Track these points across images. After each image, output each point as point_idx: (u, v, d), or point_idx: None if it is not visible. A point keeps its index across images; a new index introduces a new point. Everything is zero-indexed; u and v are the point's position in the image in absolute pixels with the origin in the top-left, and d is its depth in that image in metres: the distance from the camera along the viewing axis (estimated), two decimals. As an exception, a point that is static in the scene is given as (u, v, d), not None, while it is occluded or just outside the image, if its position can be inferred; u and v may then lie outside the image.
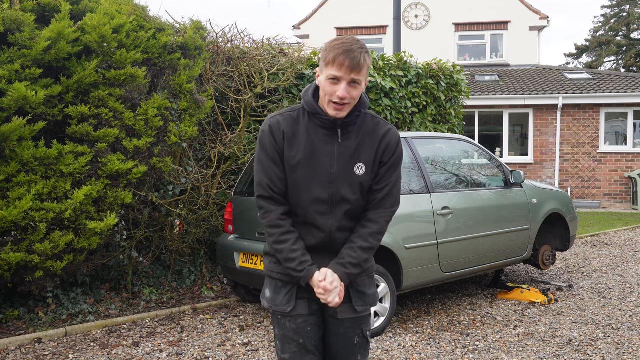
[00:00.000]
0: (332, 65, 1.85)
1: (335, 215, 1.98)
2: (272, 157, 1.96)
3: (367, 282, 2.09)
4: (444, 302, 5.36)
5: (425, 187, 4.71)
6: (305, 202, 1.97)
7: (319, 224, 1.97)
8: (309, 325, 2.03)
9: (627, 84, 14.31)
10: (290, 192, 1.99)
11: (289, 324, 2.02)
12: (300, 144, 1.95)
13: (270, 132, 1.96)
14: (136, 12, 4.79)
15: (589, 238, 9.31)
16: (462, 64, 17.13)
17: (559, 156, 14.35)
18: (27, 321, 4.58)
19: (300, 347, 2.02)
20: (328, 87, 1.88)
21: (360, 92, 1.91)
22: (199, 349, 4.11)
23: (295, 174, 1.95)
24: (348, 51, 1.83)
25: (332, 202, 1.96)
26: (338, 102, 1.88)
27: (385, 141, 2.00)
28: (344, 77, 1.85)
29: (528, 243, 5.54)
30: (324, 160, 1.95)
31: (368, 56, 1.89)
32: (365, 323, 2.09)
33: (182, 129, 4.97)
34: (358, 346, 2.08)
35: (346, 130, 1.97)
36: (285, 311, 2.02)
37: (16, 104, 3.95)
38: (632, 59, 30.43)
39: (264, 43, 6.38)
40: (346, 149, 1.96)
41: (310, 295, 2.02)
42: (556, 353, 3.99)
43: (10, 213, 3.90)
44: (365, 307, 2.07)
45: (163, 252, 5.68)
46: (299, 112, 2.00)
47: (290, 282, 2.02)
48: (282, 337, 2.04)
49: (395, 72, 7.10)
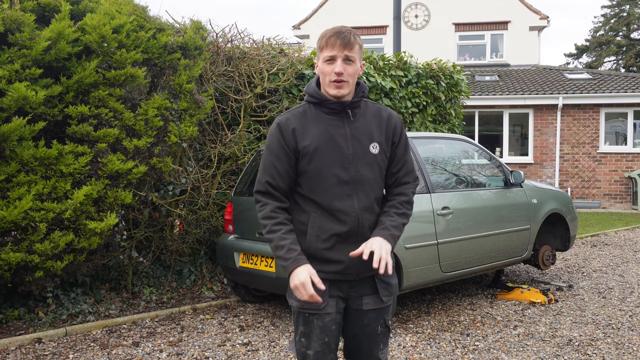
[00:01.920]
0: (325, 47, 2.00)
1: (359, 197, 2.03)
2: (277, 154, 2.03)
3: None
4: (444, 302, 5.36)
5: (425, 187, 4.71)
6: (329, 187, 2.01)
7: (345, 207, 2.01)
8: (334, 324, 2.06)
9: (627, 84, 14.31)
10: (312, 182, 2.03)
11: (316, 322, 2.04)
12: (314, 133, 2.03)
13: (278, 129, 2.05)
14: (136, 12, 4.79)
15: (589, 238, 9.32)
16: (462, 64, 17.14)
17: (559, 156, 14.35)
18: (27, 321, 4.58)
19: (324, 346, 2.05)
20: (326, 67, 2.01)
21: (355, 69, 2.03)
22: (199, 349, 4.11)
23: (315, 161, 2.01)
24: (338, 32, 2.00)
25: (355, 183, 2.02)
26: (337, 80, 1.99)
27: (392, 123, 2.13)
28: (338, 55, 1.99)
29: (528, 243, 5.54)
30: (340, 143, 2.03)
31: (358, 37, 2.04)
32: (387, 312, 2.14)
33: (182, 129, 4.97)
34: (380, 335, 2.12)
35: (354, 112, 2.07)
36: (319, 308, 2.03)
37: (16, 104, 3.95)
38: (632, 59, 30.43)
39: (264, 43, 6.38)
40: (358, 130, 2.05)
41: (339, 292, 2.06)
42: (556, 353, 3.99)
43: (10, 213, 3.90)
44: (390, 296, 2.12)
45: (163, 252, 5.68)
46: (304, 107, 2.10)
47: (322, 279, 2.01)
48: (308, 335, 2.06)
49: (395, 72, 7.11)
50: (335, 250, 2.02)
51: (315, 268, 2.01)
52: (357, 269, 2.04)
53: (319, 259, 2.03)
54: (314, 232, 2.03)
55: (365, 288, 2.08)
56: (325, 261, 2.03)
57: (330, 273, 2.04)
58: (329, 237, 2.02)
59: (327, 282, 2.03)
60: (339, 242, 2.02)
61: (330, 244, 2.02)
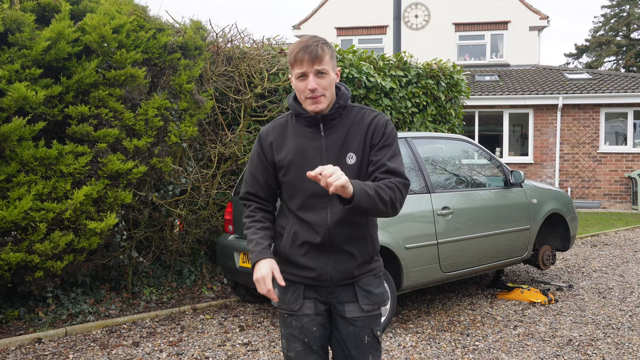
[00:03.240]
0: (295, 64, 1.96)
1: (332, 210, 1.99)
2: (256, 165, 2.10)
3: (373, 281, 2.09)
4: (444, 302, 5.36)
5: (425, 187, 4.71)
6: (303, 199, 2.00)
7: (317, 220, 1.99)
8: (315, 325, 2.05)
9: (627, 84, 14.31)
10: (288, 194, 2.06)
11: (294, 323, 2.05)
12: (290, 146, 2.02)
13: (258, 141, 2.10)
14: (136, 12, 4.79)
15: (589, 238, 9.31)
16: (462, 64, 17.14)
17: (559, 156, 14.35)
18: (27, 321, 4.58)
19: (305, 346, 2.05)
20: (299, 84, 1.97)
21: (329, 81, 1.97)
22: (199, 349, 4.11)
23: (290, 173, 2.02)
24: (305, 47, 1.93)
25: (329, 195, 1.97)
26: (312, 96, 1.95)
27: (372, 126, 2.01)
28: (309, 71, 1.94)
29: (528, 243, 5.54)
30: (313, 156, 2.00)
31: (327, 47, 1.96)
32: (375, 323, 2.09)
33: (182, 129, 4.97)
34: (369, 346, 2.08)
35: (330, 124, 2.02)
36: (292, 309, 2.05)
37: (16, 104, 3.95)
38: (632, 59, 30.43)
39: (264, 43, 6.38)
40: (333, 142, 2.01)
41: (317, 295, 2.05)
42: (556, 353, 3.99)
43: (10, 213, 3.90)
44: (372, 305, 2.07)
45: (163, 252, 5.68)
46: (287, 117, 2.10)
47: (297, 282, 2.05)
48: (288, 336, 2.08)
49: (395, 72, 7.10)
50: (309, 257, 2.02)
51: (289, 271, 2.04)
52: (331, 275, 2.02)
53: (292, 263, 2.05)
54: (289, 238, 2.04)
55: (345, 295, 2.05)
56: (298, 266, 2.04)
57: (304, 278, 2.04)
58: (303, 243, 2.02)
59: (302, 285, 2.05)
60: (312, 250, 2.01)
61: (303, 250, 2.02)
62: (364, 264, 2.06)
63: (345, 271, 2.02)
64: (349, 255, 2.02)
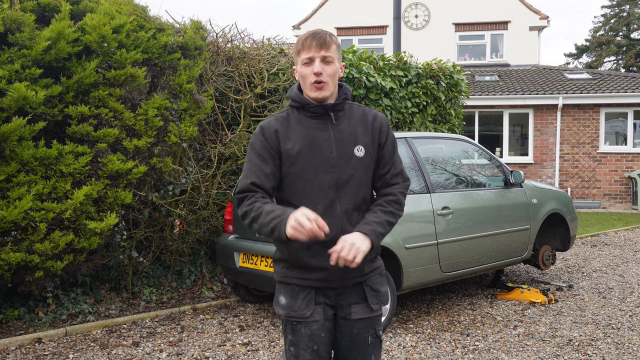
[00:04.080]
0: (302, 50, 1.99)
1: (342, 201, 1.98)
2: (261, 154, 2.00)
3: (379, 280, 2.09)
4: (444, 302, 5.36)
5: (425, 187, 4.71)
6: (311, 191, 1.97)
7: (327, 211, 1.96)
8: (323, 331, 2.02)
9: (627, 84, 14.31)
10: (294, 186, 2.00)
11: (304, 330, 2.00)
12: (297, 136, 2.00)
13: (261, 132, 2.03)
14: (136, 12, 4.79)
15: (589, 238, 9.31)
16: (462, 64, 17.14)
17: (559, 156, 14.35)
18: (27, 321, 4.58)
19: (314, 354, 2.01)
20: (304, 70, 1.99)
21: (334, 69, 1.99)
22: (199, 349, 4.11)
23: (298, 164, 1.98)
24: (313, 34, 1.98)
25: (338, 187, 1.98)
26: (317, 80, 1.96)
27: (377, 124, 2.08)
28: (315, 56, 1.97)
29: (528, 243, 5.54)
30: (323, 146, 1.99)
31: (334, 37, 2.02)
32: (378, 323, 2.09)
33: (182, 129, 4.97)
34: (372, 346, 2.07)
35: (337, 115, 2.04)
36: (304, 316, 1.99)
37: (16, 104, 3.95)
38: (632, 59, 30.43)
39: (264, 43, 6.38)
40: (342, 134, 2.02)
41: (326, 299, 2.02)
42: (556, 353, 3.99)
43: (10, 213, 3.90)
44: (380, 305, 2.07)
45: (163, 252, 5.68)
46: (287, 112, 2.08)
47: (307, 286, 2.00)
48: (296, 344, 2.02)
49: (395, 72, 7.10)
50: (319, 257, 1.96)
51: (299, 276, 2.00)
52: (343, 272, 1.98)
53: (302, 267, 2.00)
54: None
55: (353, 296, 2.04)
56: (308, 269, 2.00)
57: (315, 280, 2.00)
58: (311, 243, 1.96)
59: (313, 289, 2.01)
60: (322, 249, 1.95)
61: (312, 251, 1.97)
62: (371, 261, 2.06)
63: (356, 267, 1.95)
64: None
